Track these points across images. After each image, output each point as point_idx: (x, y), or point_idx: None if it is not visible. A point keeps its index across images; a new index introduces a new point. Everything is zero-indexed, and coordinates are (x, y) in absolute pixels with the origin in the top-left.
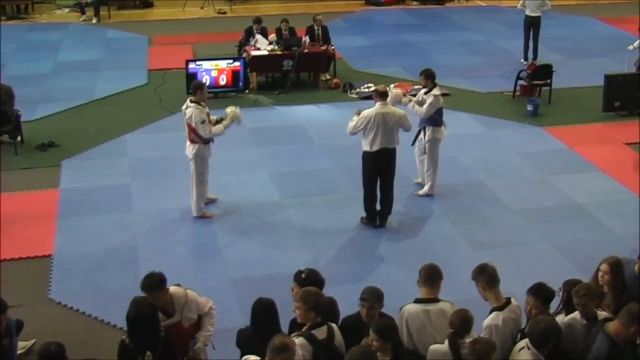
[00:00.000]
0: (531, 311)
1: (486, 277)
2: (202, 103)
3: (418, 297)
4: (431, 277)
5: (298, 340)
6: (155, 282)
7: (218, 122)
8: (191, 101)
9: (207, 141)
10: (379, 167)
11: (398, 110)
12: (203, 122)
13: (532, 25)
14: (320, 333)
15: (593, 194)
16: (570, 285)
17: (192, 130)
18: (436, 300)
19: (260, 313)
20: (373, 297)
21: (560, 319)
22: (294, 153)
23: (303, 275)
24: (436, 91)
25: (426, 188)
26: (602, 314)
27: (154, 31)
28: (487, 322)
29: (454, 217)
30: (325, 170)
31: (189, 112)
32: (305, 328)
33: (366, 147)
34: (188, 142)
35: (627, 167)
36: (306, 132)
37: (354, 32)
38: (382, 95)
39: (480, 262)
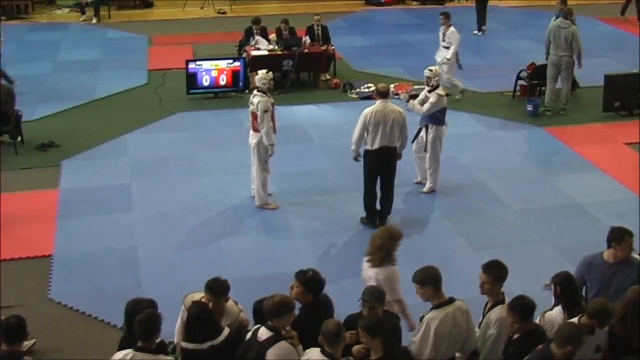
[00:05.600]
0: (512, 325)
1: (503, 274)
2: (269, 94)
3: (435, 303)
4: (439, 279)
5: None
6: (222, 289)
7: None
8: (258, 90)
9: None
10: (379, 166)
11: (399, 108)
12: (266, 111)
13: None
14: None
15: (593, 194)
16: (561, 278)
17: (257, 119)
18: (452, 300)
19: (262, 313)
20: (373, 297)
21: (557, 312)
22: (294, 153)
23: (307, 275)
24: (440, 91)
25: (429, 185)
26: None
27: (154, 31)
28: (495, 315)
29: (454, 217)
30: (325, 170)
31: (255, 100)
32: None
33: (367, 146)
34: (251, 131)
35: (627, 167)
36: (306, 132)
37: (354, 32)
38: (383, 94)
39: (480, 262)
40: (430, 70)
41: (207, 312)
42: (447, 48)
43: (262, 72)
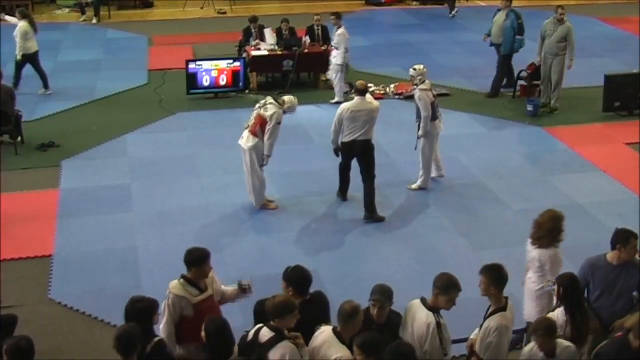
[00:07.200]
0: None
1: (499, 277)
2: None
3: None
4: (445, 285)
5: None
6: (202, 255)
7: None
8: (274, 99)
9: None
10: (351, 157)
11: (373, 103)
12: (279, 123)
13: None
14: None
15: (593, 194)
16: (565, 279)
17: (260, 124)
18: (429, 307)
19: (263, 314)
20: (383, 297)
21: (559, 313)
22: (294, 153)
23: (287, 271)
24: (423, 85)
25: (418, 183)
26: (562, 343)
27: (154, 31)
28: (494, 323)
29: (454, 217)
30: (325, 170)
31: (270, 108)
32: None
33: (341, 137)
34: (247, 134)
35: (627, 167)
36: (306, 132)
37: (354, 32)
38: (360, 92)
39: (479, 262)
40: (414, 69)
41: (227, 330)
42: (337, 49)
43: (293, 99)
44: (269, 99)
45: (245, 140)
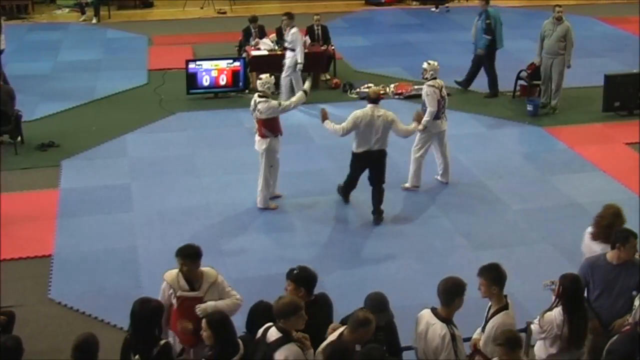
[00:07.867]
0: None
1: (499, 276)
2: (270, 97)
3: (435, 309)
4: (450, 291)
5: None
6: (191, 253)
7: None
8: (260, 95)
9: (277, 134)
10: (364, 168)
11: (389, 113)
12: (279, 104)
13: None
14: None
15: (593, 194)
16: (567, 281)
17: (263, 125)
18: (442, 318)
19: (260, 316)
20: (385, 314)
21: (556, 313)
22: (294, 153)
23: (294, 272)
24: (431, 82)
25: (410, 183)
26: None
27: (154, 31)
28: (498, 322)
29: (454, 217)
30: (325, 170)
31: (261, 107)
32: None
33: (353, 148)
34: (258, 137)
35: (627, 167)
36: (306, 132)
37: (354, 32)
38: (374, 100)
39: (479, 262)
40: (428, 63)
41: (229, 326)
42: (292, 50)
43: (265, 76)
44: (257, 98)
45: (258, 144)
